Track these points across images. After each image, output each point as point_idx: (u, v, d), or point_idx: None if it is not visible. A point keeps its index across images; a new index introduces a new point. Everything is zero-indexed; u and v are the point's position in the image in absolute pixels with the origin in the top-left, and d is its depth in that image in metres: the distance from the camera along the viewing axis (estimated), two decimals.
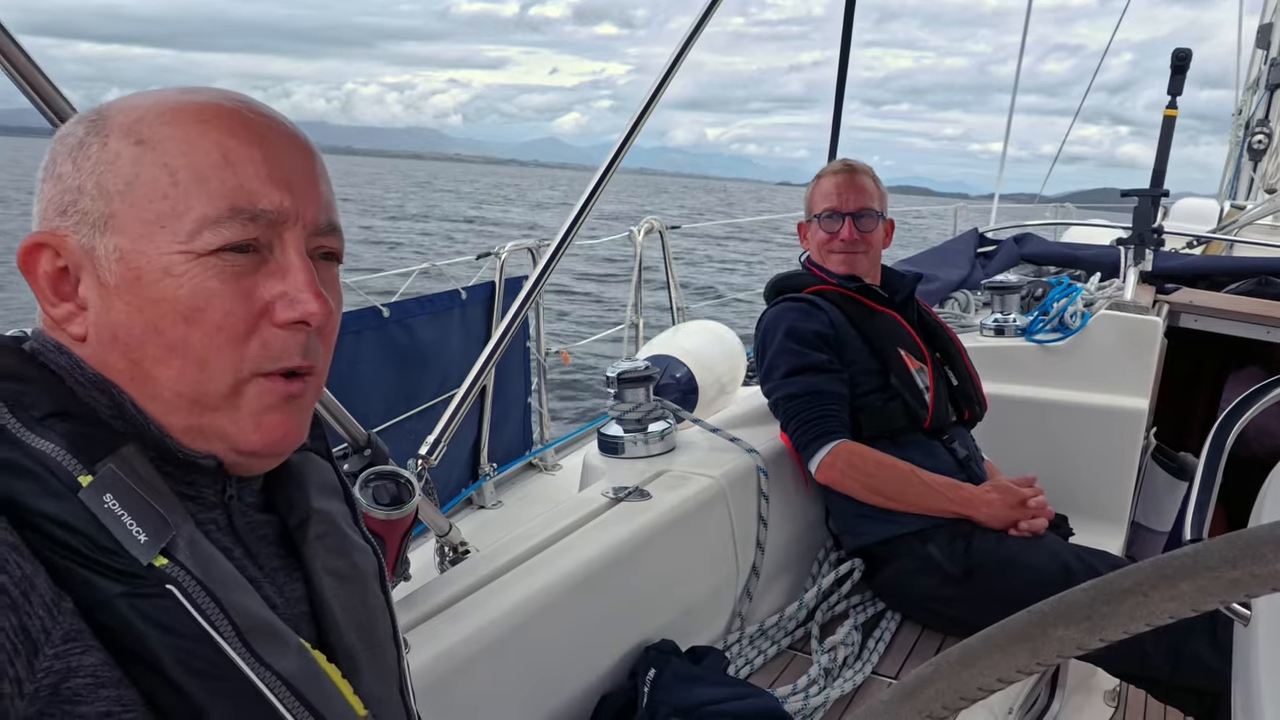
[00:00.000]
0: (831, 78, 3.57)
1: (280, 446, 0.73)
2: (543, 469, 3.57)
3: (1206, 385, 3.77)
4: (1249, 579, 0.44)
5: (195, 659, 0.62)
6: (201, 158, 0.68)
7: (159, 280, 0.67)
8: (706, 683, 1.62)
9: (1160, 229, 3.34)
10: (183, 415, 0.70)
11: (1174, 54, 3.30)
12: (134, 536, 0.62)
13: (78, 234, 0.69)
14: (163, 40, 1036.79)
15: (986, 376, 2.52)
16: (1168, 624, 0.46)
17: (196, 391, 0.69)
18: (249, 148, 0.69)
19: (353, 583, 0.82)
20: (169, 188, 0.67)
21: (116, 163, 0.68)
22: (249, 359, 0.69)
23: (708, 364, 2.87)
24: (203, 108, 0.70)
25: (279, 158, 0.71)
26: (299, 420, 0.74)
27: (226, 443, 0.71)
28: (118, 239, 0.68)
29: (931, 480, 2.13)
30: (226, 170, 0.68)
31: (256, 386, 0.70)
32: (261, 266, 0.70)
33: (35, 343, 0.71)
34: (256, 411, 0.71)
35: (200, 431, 0.70)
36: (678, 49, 2.07)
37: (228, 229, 0.67)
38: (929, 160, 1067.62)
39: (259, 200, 0.69)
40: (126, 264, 0.68)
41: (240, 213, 0.68)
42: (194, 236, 0.67)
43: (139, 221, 0.67)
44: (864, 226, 2.29)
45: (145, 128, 0.69)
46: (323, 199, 0.74)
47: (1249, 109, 8.64)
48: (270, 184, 0.69)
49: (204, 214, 0.67)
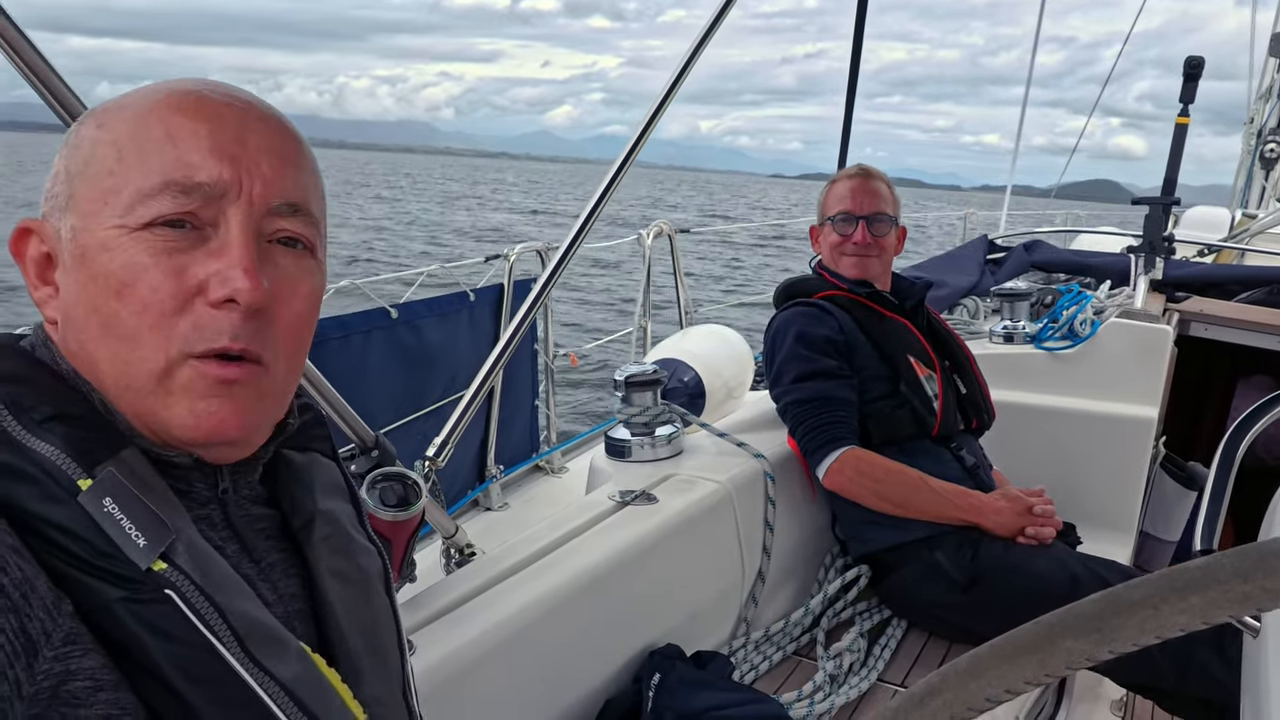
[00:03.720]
0: (824, 69, 3.62)
1: (222, 435, 0.68)
2: (550, 471, 3.57)
3: (1216, 394, 3.75)
4: (1260, 593, 0.44)
5: (194, 665, 0.62)
6: (145, 133, 0.67)
7: (97, 256, 0.66)
8: (711, 688, 1.62)
9: (1171, 237, 3.33)
10: (126, 402, 0.68)
11: (1186, 62, 3.29)
12: (133, 541, 0.62)
13: (52, 218, 0.70)
14: (154, 34, 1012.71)
15: (995, 384, 2.52)
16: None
17: (128, 373, 0.67)
18: (195, 123, 0.68)
19: (357, 585, 0.81)
20: (114, 164, 0.67)
21: (80, 146, 0.69)
22: (178, 338, 0.66)
23: (715, 368, 2.86)
24: (165, 93, 0.70)
25: (230, 131, 0.68)
26: (243, 408, 0.69)
27: (166, 431, 0.68)
28: (73, 218, 0.68)
29: (939, 487, 2.12)
30: (166, 144, 0.67)
31: (188, 369, 0.66)
32: (201, 244, 0.67)
33: (34, 335, 0.71)
34: (190, 396, 0.67)
35: (141, 420, 0.68)
36: (693, 46, 2.05)
37: (159, 202, 0.66)
38: (921, 152, 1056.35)
39: (196, 173, 0.66)
40: (77, 242, 0.68)
41: (173, 185, 0.66)
42: (129, 211, 0.66)
43: (88, 199, 0.68)
44: (877, 231, 2.29)
45: (108, 113, 0.70)
46: (286, 180, 0.70)
47: (1261, 118, 8.60)
48: (210, 156, 0.67)
49: (138, 187, 0.66)
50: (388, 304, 3.05)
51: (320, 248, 0.75)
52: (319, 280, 0.75)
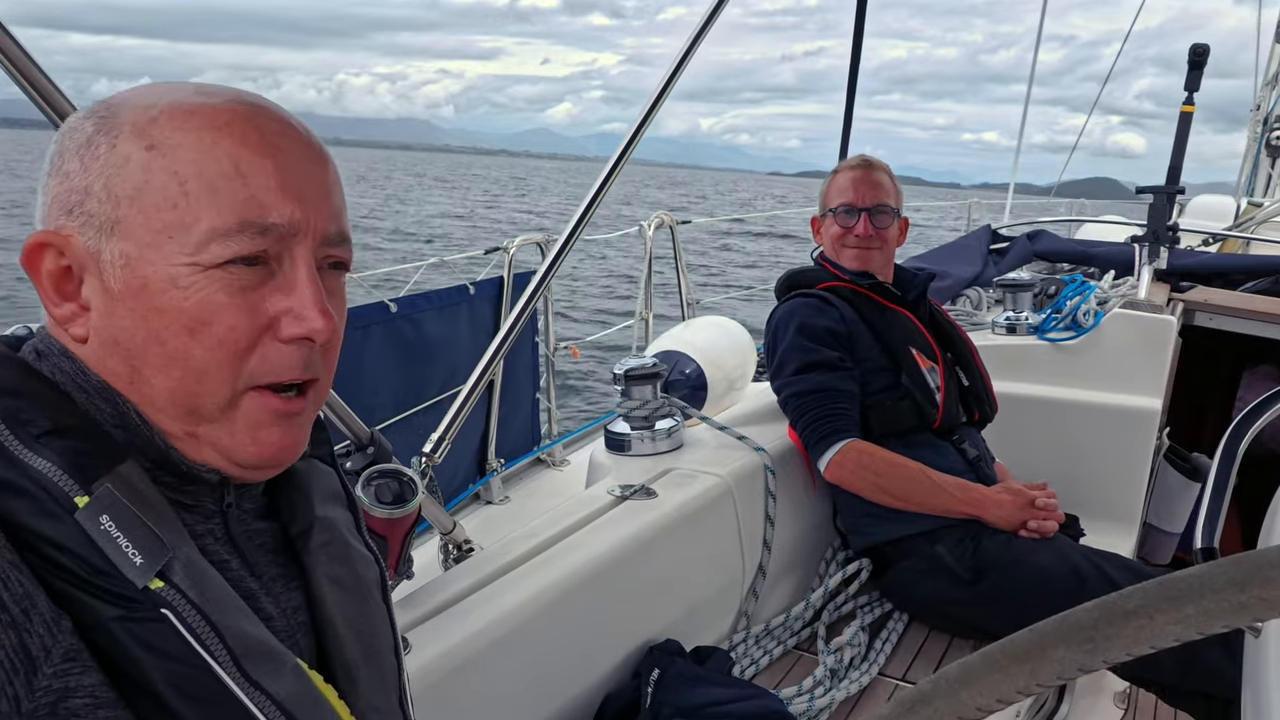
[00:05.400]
0: (825, 67, 3.61)
1: (277, 460, 0.73)
2: (551, 465, 3.56)
3: (1221, 384, 3.73)
4: (1256, 602, 0.43)
5: (189, 683, 0.62)
6: (213, 167, 0.66)
7: (165, 290, 0.66)
8: (710, 683, 1.61)
9: (1175, 226, 3.31)
10: (179, 423, 0.69)
11: (1191, 49, 3.26)
12: (129, 559, 0.61)
13: (84, 235, 0.67)
14: (153, 31, 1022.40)
15: (998, 375, 2.50)
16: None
17: (192, 403, 0.68)
18: (261, 158, 0.67)
19: (354, 592, 0.82)
20: (179, 197, 0.66)
21: (126, 166, 0.66)
22: (246, 372, 0.68)
23: (717, 360, 2.85)
24: (216, 112, 0.68)
25: (291, 167, 0.69)
26: (298, 435, 0.73)
27: (222, 454, 0.70)
28: (124, 245, 0.66)
29: (941, 480, 2.11)
30: (237, 181, 0.66)
31: (251, 400, 0.69)
32: (269, 279, 0.68)
33: (41, 344, 0.70)
34: (252, 425, 0.70)
35: (195, 440, 0.70)
36: (688, 43, 2.04)
37: (236, 242, 0.66)
38: (921, 150, 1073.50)
39: (269, 213, 0.67)
40: (132, 271, 0.66)
41: (250, 226, 0.66)
42: (202, 249, 0.65)
43: (147, 229, 0.66)
44: (880, 223, 2.28)
45: (157, 131, 0.67)
46: (333, 208, 0.72)
47: (1267, 105, 8.55)
48: (281, 196, 0.68)
49: (213, 226, 0.65)
50: (386, 298, 3.04)
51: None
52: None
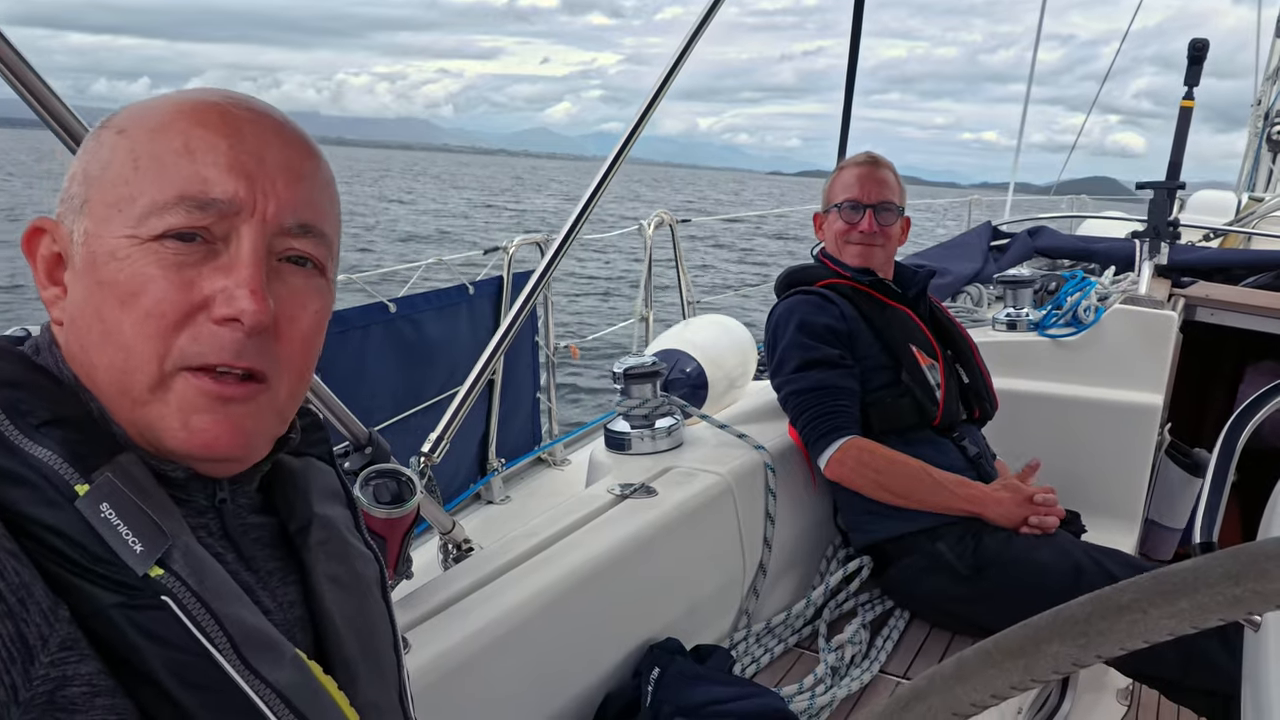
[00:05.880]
0: (824, 66, 3.61)
1: (213, 450, 0.69)
2: (552, 464, 3.56)
3: (1223, 380, 3.72)
4: (1252, 595, 0.42)
5: (189, 671, 0.62)
6: (164, 145, 0.68)
7: (106, 263, 0.67)
8: (710, 682, 1.61)
9: (1176, 221, 3.30)
10: (123, 411, 0.68)
11: (1191, 44, 3.25)
12: (130, 546, 0.61)
13: (66, 220, 0.70)
14: (153, 30, 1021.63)
15: (998, 371, 2.50)
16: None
17: (123, 381, 0.67)
18: (215, 137, 0.68)
19: (353, 590, 0.81)
20: (130, 172, 0.67)
21: (99, 151, 0.70)
22: (175, 351, 0.66)
23: (717, 358, 2.85)
24: (187, 102, 0.70)
25: (249, 149, 0.69)
26: (238, 426, 0.69)
27: (159, 442, 0.68)
28: (87, 222, 0.68)
29: (941, 477, 2.11)
30: (185, 158, 0.67)
31: (182, 382, 0.67)
32: (211, 259, 0.67)
33: (41, 338, 0.72)
34: (184, 409, 0.67)
35: (137, 429, 0.68)
36: (684, 42, 2.04)
37: (173, 215, 0.66)
38: (919, 149, 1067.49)
39: (212, 189, 0.67)
40: (88, 247, 0.68)
41: (187, 200, 0.66)
42: (141, 221, 0.66)
43: (102, 205, 0.68)
44: (884, 220, 2.28)
45: (129, 119, 0.70)
46: (300, 199, 0.71)
47: (1268, 99, 8.54)
48: (227, 172, 0.67)
49: (153, 199, 0.67)
50: (385, 298, 3.04)
51: (331, 267, 0.76)
52: (328, 300, 0.75)
